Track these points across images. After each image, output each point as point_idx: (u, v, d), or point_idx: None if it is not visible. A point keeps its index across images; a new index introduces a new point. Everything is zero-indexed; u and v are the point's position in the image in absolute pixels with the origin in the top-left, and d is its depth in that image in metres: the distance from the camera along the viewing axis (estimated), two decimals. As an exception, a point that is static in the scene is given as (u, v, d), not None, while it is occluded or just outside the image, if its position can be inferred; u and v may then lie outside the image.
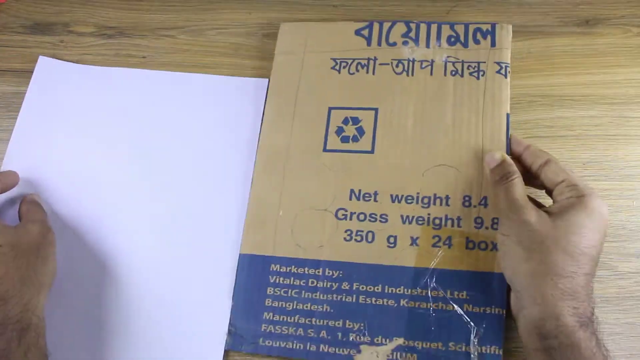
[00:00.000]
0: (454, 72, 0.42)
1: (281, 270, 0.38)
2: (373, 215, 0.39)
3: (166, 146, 0.43)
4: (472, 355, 0.35)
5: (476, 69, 0.42)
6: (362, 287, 0.37)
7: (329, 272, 0.38)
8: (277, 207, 0.40)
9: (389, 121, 0.41)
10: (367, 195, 0.39)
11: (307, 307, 0.37)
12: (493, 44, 0.42)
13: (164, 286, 0.39)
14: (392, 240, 0.38)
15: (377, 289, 0.37)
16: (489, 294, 0.36)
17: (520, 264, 0.33)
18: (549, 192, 0.36)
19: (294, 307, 0.37)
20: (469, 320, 0.36)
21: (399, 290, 0.37)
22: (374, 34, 0.44)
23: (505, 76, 0.41)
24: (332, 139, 0.41)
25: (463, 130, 0.40)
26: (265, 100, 0.44)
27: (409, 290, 0.37)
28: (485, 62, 0.42)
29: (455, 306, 0.36)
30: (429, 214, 0.38)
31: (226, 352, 0.38)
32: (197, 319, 0.38)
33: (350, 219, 0.39)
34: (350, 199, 0.39)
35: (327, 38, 0.44)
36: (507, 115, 0.40)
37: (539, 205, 0.36)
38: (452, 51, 0.43)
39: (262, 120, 0.43)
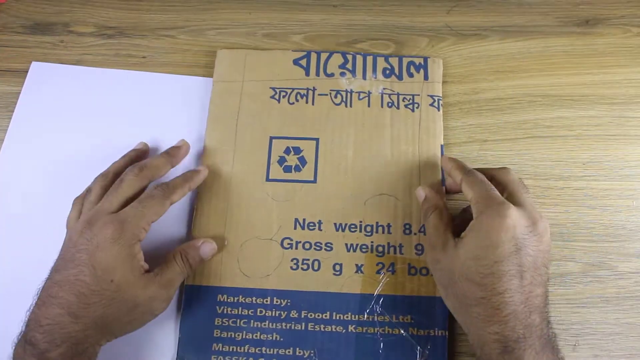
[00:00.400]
0: (390, 104, 0.43)
1: (228, 300, 0.38)
2: (318, 244, 0.39)
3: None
4: (419, 376, 0.36)
5: (411, 101, 0.43)
6: (311, 315, 0.38)
7: (276, 301, 0.38)
8: (221, 237, 0.40)
9: (329, 151, 0.42)
10: (311, 224, 0.40)
11: (256, 336, 0.37)
12: (426, 77, 0.44)
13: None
14: (337, 268, 0.39)
15: (325, 316, 0.38)
16: (432, 316, 0.37)
17: (445, 301, 0.34)
18: None
19: (243, 337, 0.37)
20: (414, 343, 0.37)
21: (347, 317, 0.38)
22: (312, 64, 0.45)
23: (438, 109, 0.43)
24: (275, 168, 0.41)
25: (401, 160, 0.41)
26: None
27: (357, 316, 0.38)
28: (419, 95, 0.43)
29: (401, 330, 0.37)
30: (372, 242, 0.39)
31: (176, 386, 0.37)
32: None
33: (296, 247, 0.39)
34: (295, 228, 0.40)
35: (266, 66, 0.45)
36: (442, 146, 0.41)
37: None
38: (388, 83, 0.44)
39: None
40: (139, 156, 0.41)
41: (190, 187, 0.39)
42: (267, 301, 0.38)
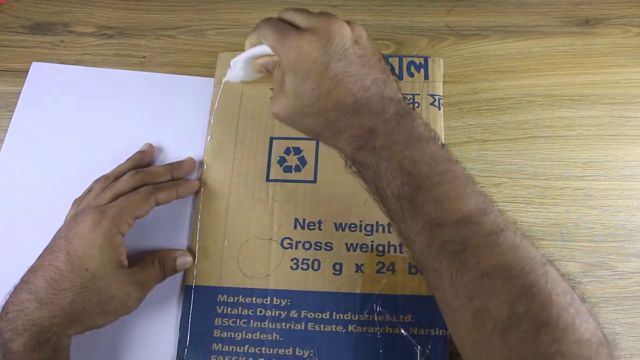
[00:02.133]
0: None
1: (228, 300, 0.38)
2: (318, 244, 0.39)
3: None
4: (419, 376, 0.36)
5: (411, 100, 0.43)
6: (311, 315, 0.38)
7: (276, 301, 0.38)
8: (222, 237, 0.40)
9: (330, 151, 0.41)
10: (311, 224, 0.40)
11: (256, 336, 0.37)
12: (426, 77, 0.44)
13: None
14: (337, 267, 0.39)
15: (325, 315, 0.38)
16: (433, 316, 0.37)
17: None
18: None
19: (243, 336, 0.37)
20: (415, 342, 0.37)
21: (347, 316, 0.38)
22: None
23: (439, 108, 0.42)
24: (275, 168, 0.41)
25: None
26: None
27: (357, 316, 0.37)
28: (419, 94, 0.43)
29: (402, 329, 0.37)
30: (372, 242, 0.39)
31: (176, 385, 0.37)
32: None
33: (296, 247, 0.39)
34: (295, 228, 0.40)
35: None
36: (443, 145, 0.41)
37: None
38: None
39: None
40: (144, 158, 0.41)
41: (179, 193, 0.39)
42: (267, 301, 0.38)
